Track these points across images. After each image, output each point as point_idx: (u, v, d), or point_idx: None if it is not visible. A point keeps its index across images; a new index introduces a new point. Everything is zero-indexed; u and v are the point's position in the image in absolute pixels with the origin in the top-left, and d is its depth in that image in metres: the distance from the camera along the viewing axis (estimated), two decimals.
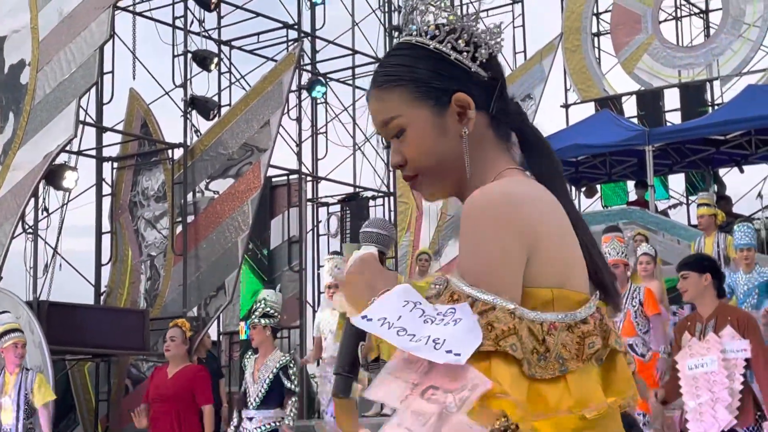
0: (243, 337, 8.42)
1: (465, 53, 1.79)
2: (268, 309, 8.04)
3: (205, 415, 8.55)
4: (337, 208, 15.75)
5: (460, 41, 1.80)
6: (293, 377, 7.93)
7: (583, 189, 18.04)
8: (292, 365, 7.96)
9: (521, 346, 1.60)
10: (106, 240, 12.93)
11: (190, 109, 13.03)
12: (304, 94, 15.13)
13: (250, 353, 8.41)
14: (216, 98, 14.06)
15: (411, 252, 14.68)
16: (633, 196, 17.27)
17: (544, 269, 1.66)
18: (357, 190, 16.04)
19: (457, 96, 1.77)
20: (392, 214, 15.71)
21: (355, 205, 15.66)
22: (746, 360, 5.80)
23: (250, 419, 7.88)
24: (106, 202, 12.99)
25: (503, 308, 1.60)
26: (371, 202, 15.91)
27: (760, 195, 15.74)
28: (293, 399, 7.88)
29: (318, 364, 10.31)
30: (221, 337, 13.92)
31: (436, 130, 1.78)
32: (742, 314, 6.03)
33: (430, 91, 1.78)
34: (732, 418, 5.80)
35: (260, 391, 7.86)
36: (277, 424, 7.82)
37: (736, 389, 5.85)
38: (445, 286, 1.65)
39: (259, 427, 7.81)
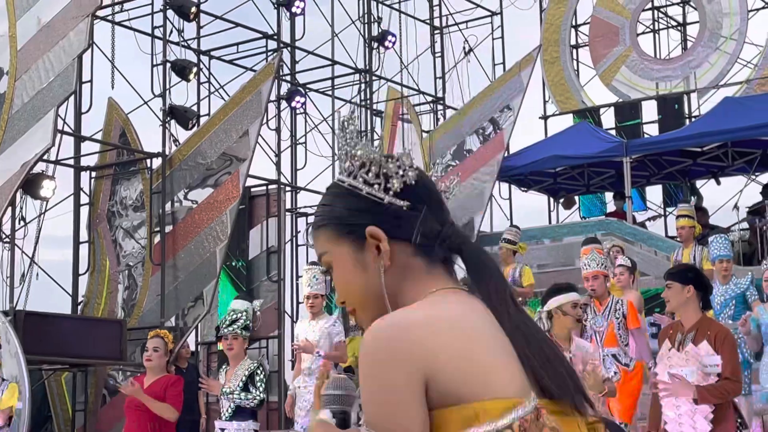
0: (225, 368, 8.45)
1: (376, 186, 1.79)
2: (248, 322, 8.09)
3: (163, 406, 8.49)
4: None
5: (369, 174, 1.80)
6: (259, 383, 7.95)
7: (561, 200, 18.13)
8: (259, 372, 8.00)
9: None
10: (83, 250, 12.87)
11: (168, 118, 13.01)
12: (284, 104, 15.12)
13: (225, 366, 8.43)
14: (195, 108, 14.03)
15: None
16: (611, 207, 17.37)
17: (455, 386, 1.62)
18: None
19: (368, 230, 1.77)
20: None
21: None
22: (718, 375, 5.83)
23: (223, 431, 7.89)
24: (84, 212, 12.94)
25: None
26: None
27: (736, 207, 15.85)
28: (256, 401, 7.91)
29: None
30: (199, 347, 13.87)
31: (357, 266, 1.80)
32: (720, 330, 6.03)
33: (347, 228, 1.80)
34: (710, 427, 5.84)
35: (232, 402, 7.87)
36: None
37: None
38: None
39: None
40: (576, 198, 18.29)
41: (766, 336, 9.07)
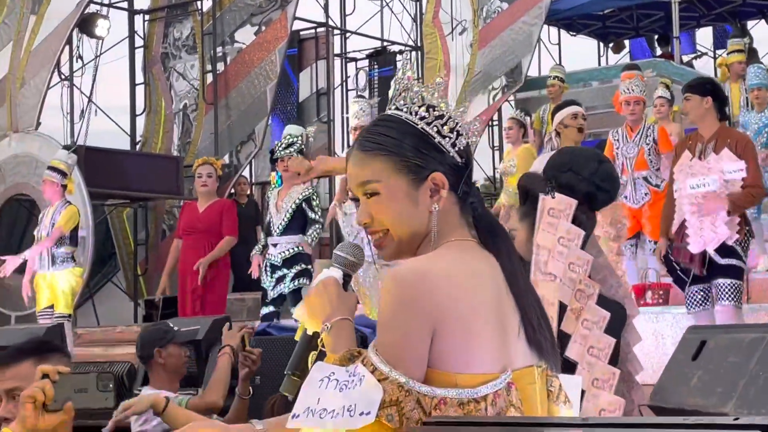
0: (275, 186, 8.72)
1: (448, 138, 1.98)
2: (303, 147, 8.35)
3: (222, 241, 8.96)
4: (365, 62, 15.97)
5: (445, 127, 1.98)
6: (316, 208, 8.28)
7: (611, 44, 18.12)
8: (314, 197, 8.29)
9: (400, 416, 1.78)
10: (140, 91, 13.30)
11: None
12: None
13: (272, 186, 8.77)
14: None
15: None
16: (660, 51, 17.35)
17: (447, 353, 1.83)
18: (385, 44, 16.22)
19: (435, 176, 1.96)
20: (420, 69, 15.91)
21: (382, 59, 15.86)
22: (743, 180, 6.07)
23: (275, 245, 8.24)
24: (139, 55, 13.31)
25: (393, 380, 1.80)
26: (399, 57, 16.10)
27: None
28: (315, 226, 8.25)
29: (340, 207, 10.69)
30: (253, 188, 14.35)
31: (408, 200, 1.96)
32: (740, 137, 6.26)
33: (411, 166, 1.96)
34: (729, 233, 6.11)
35: (283, 219, 8.17)
36: (301, 248, 8.19)
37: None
38: (364, 356, 1.86)
39: (283, 252, 8.18)
40: (626, 42, 18.26)
41: None
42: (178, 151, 12.94)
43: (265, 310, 8.28)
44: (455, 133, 1.99)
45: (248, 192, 13.02)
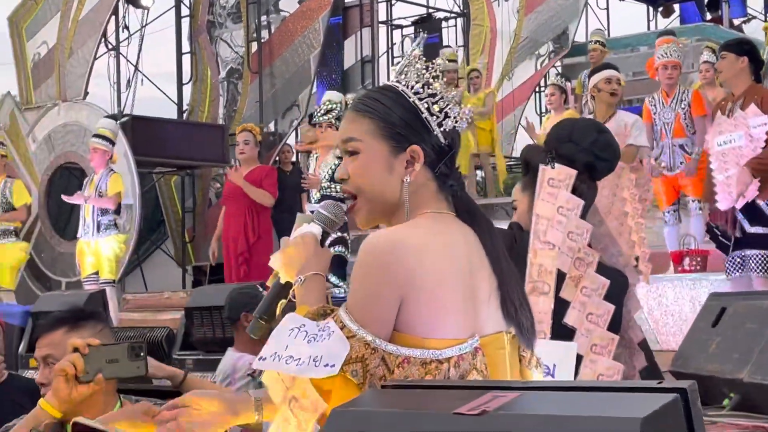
0: (315, 153, 8.81)
1: (435, 117, 2.06)
2: (342, 113, 8.42)
3: (263, 201, 9.05)
4: (411, 30, 15.98)
5: (435, 106, 2.06)
6: None
7: (660, 9, 17.93)
8: None
9: (364, 372, 1.87)
10: (186, 60, 13.46)
11: None
12: None
13: (313, 152, 8.88)
14: None
15: (485, 74, 14.88)
16: (710, 16, 17.12)
17: (414, 318, 1.92)
18: (430, 11, 16.20)
19: (413, 148, 2.04)
20: (465, 35, 15.89)
21: (428, 26, 15.83)
22: (767, 134, 6.05)
23: (313, 212, 8.36)
24: (185, 24, 13.46)
25: (361, 338, 1.89)
26: (444, 24, 16.09)
27: None
28: None
29: None
30: (299, 155, 14.48)
31: (385, 166, 2.05)
32: (767, 93, 6.25)
33: (394, 134, 2.05)
34: (757, 190, 6.09)
35: (320, 186, 8.31)
36: None
37: None
38: (335, 313, 1.95)
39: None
40: (675, 6, 18.04)
41: None
42: (224, 119, 13.10)
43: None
44: (443, 113, 2.07)
45: (293, 159, 13.14)
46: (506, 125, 15.12)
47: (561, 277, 3.04)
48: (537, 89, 16.11)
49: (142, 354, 2.57)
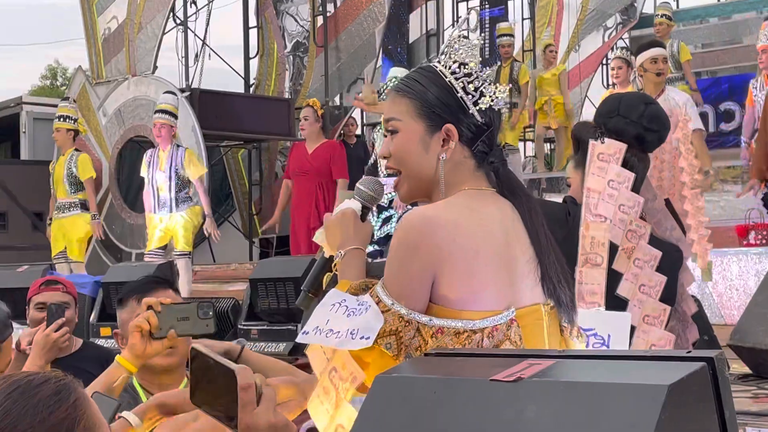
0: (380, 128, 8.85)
1: (470, 96, 2.12)
2: None
3: (338, 187, 9.21)
4: (476, 2, 15.90)
5: (470, 85, 2.12)
6: None
7: None
8: None
9: (398, 344, 1.95)
10: (252, 35, 13.58)
11: None
12: None
13: (378, 127, 8.94)
14: None
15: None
16: None
17: (449, 292, 1.99)
18: None
19: (448, 127, 2.11)
20: (532, 8, 15.79)
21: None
22: None
23: None
24: None
25: (395, 312, 1.96)
26: None
27: None
28: None
29: None
30: (365, 128, 14.56)
31: (421, 144, 2.12)
32: None
33: (430, 114, 2.12)
34: None
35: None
36: None
37: None
38: (372, 288, 2.02)
39: (390, 193, 8.36)
40: None
41: None
42: (290, 93, 13.21)
43: (369, 249, 8.48)
44: (479, 92, 2.12)
45: (357, 132, 13.22)
46: (573, 98, 15.02)
47: (614, 249, 3.07)
48: (604, 62, 15.96)
49: (210, 313, 2.66)
